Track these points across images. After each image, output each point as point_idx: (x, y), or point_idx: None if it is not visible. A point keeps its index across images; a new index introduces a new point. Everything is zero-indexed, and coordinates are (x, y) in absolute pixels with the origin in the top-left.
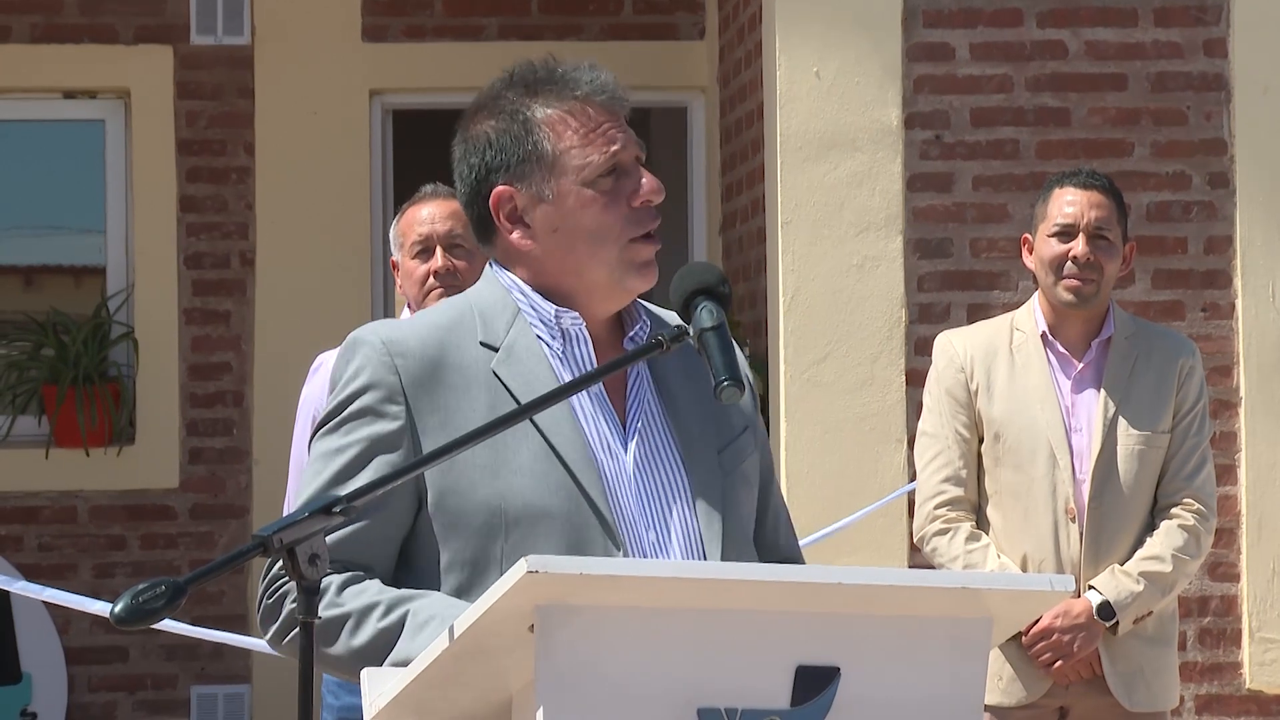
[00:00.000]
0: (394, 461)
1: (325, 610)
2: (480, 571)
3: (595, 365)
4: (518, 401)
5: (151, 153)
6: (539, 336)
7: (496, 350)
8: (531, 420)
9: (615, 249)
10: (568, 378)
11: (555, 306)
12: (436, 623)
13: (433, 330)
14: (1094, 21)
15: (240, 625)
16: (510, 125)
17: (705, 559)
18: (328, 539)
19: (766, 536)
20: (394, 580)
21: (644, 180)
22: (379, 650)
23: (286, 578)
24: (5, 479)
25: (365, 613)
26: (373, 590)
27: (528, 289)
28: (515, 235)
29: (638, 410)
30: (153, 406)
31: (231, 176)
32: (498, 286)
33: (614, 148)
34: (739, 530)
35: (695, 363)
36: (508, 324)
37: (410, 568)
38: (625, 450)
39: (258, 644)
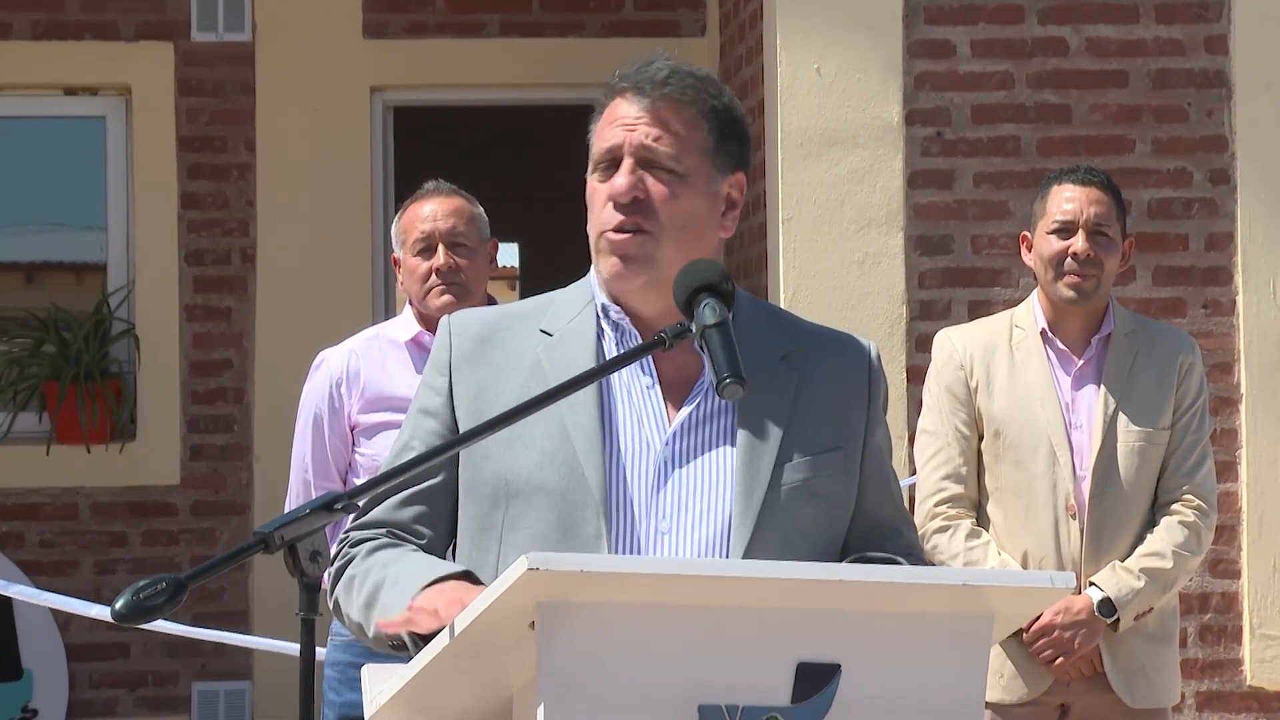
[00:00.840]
0: (431, 428)
1: (349, 570)
2: (484, 540)
3: (651, 359)
4: (548, 384)
5: (153, 149)
6: (603, 327)
7: (551, 336)
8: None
9: (594, 239)
10: None
11: (605, 300)
12: (405, 580)
13: (500, 315)
14: (1095, 18)
15: (241, 622)
16: (594, 117)
17: (726, 558)
18: (380, 507)
19: (880, 557)
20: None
21: (618, 178)
22: (371, 607)
23: (341, 546)
24: (6, 476)
25: (367, 573)
26: (392, 553)
27: (596, 280)
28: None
29: (696, 407)
30: (154, 403)
31: (232, 173)
32: (586, 279)
33: (608, 143)
34: (780, 539)
35: (837, 375)
36: (575, 314)
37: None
38: (661, 440)
39: (252, 641)
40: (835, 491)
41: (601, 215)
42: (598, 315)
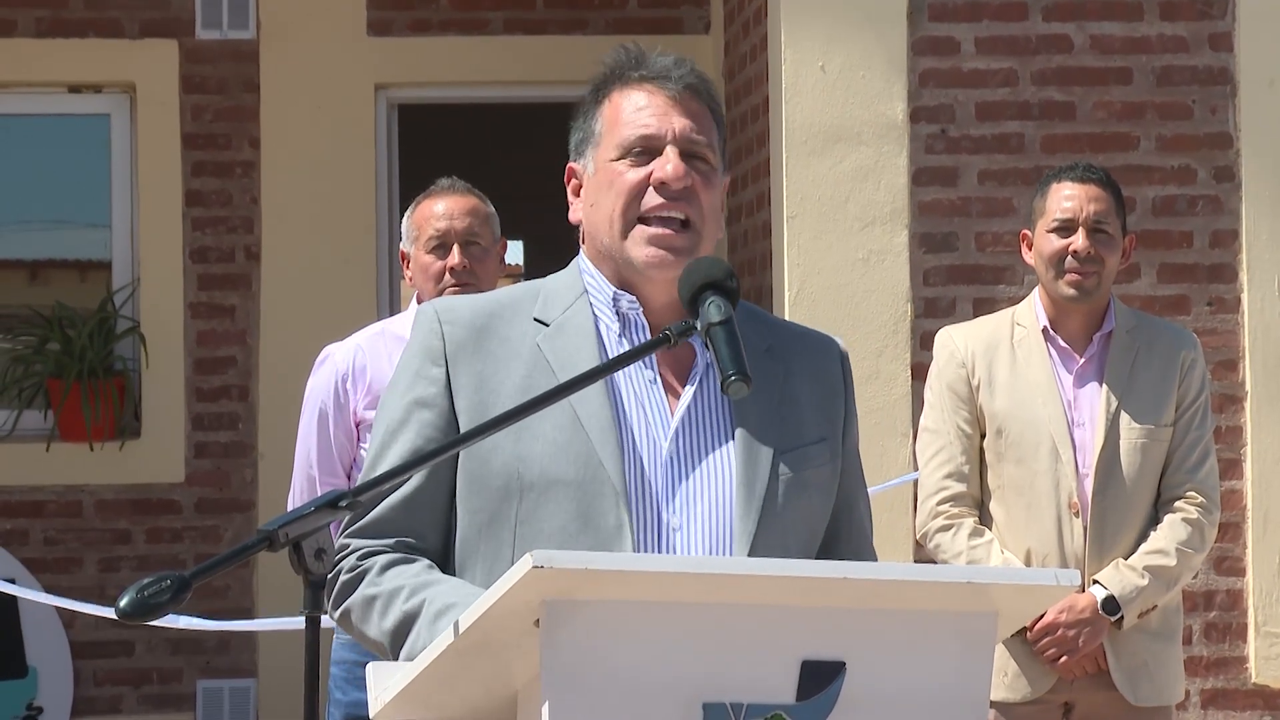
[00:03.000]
0: (430, 420)
1: (366, 588)
2: (495, 534)
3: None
4: (555, 374)
5: (157, 147)
6: (598, 316)
7: (547, 326)
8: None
9: (621, 225)
10: None
11: (614, 289)
12: (452, 611)
13: (489, 303)
14: (1099, 15)
15: (246, 619)
16: (585, 107)
17: (730, 554)
18: (380, 509)
19: (847, 548)
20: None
21: (668, 164)
22: (404, 634)
23: (343, 555)
24: (10, 473)
25: (393, 595)
26: (410, 571)
27: (594, 270)
28: (572, 208)
29: (693, 401)
30: (158, 401)
31: (237, 171)
32: (574, 267)
33: (643, 130)
34: (780, 532)
35: (815, 369)
36: (568, 303)
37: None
38: (666, 435)
39: (262, 624)
40: (823, 483)
41: (645, 198)
42: (591, 304)
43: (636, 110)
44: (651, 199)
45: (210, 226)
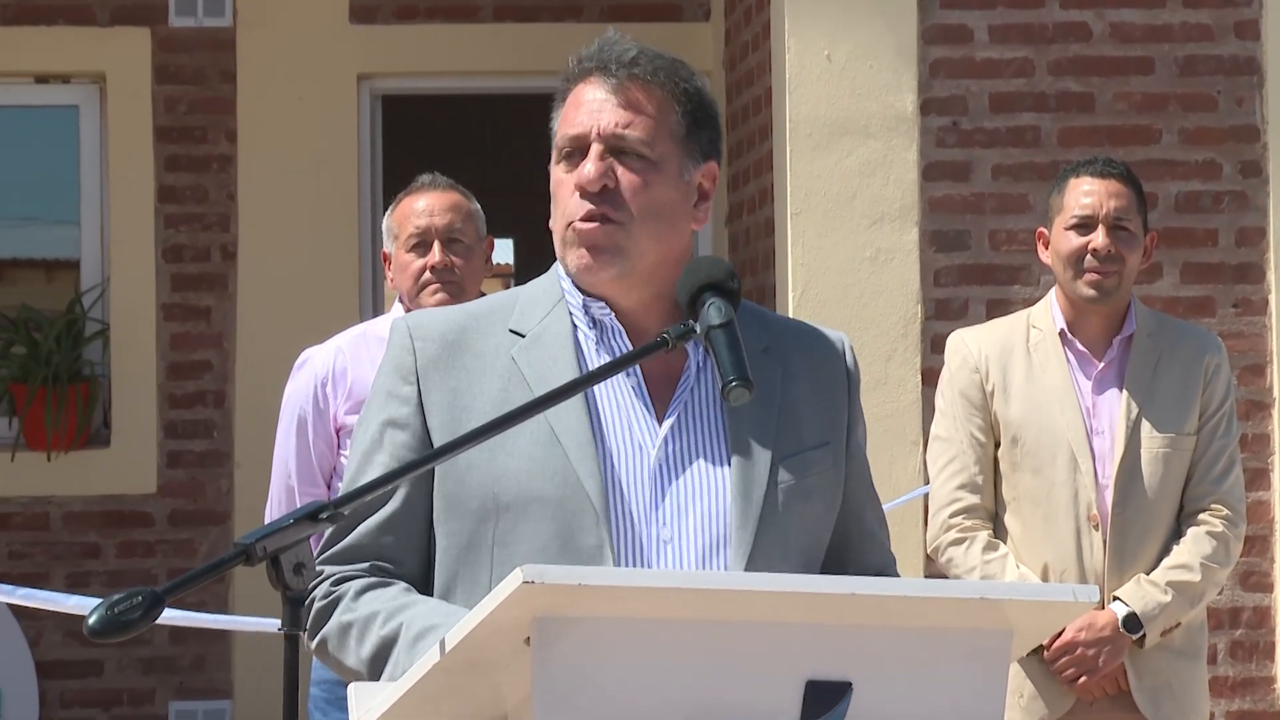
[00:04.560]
0: (404, 441)
1: (341, 615)
2: (472, 557)
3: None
4: (530, 387)
5: (128, 140)
6: (576, 325)
7: (523, 337)
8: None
9: (560, 231)
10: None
11: (585, 296)
12: (433, 633)
13: (461, 315)
14: (1119, 2)
15: (221, 637)
16: (555, 103)
17: (726, 566)
18: (354, 534)
19: (858, 556)
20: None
21: (586, 166)
22: (382, 661)
23: (316, 582)
24: None
25: (369, 621)
26: (386, 595)
27: (567, 277)
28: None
29: (683, 406)
30: (129, 407)
31: (212, 165)
32: (552, 273)
33: (574, 129)
34: (780, 542)
35: (816, 369)
36: (545, 312)
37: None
38: (653, 443)
39: (241, 623)
40: (826, 490)
41: (568, 206)
42: (570, 313)
43: (575, 107)
44: (575, 205)
45: (184, 224)
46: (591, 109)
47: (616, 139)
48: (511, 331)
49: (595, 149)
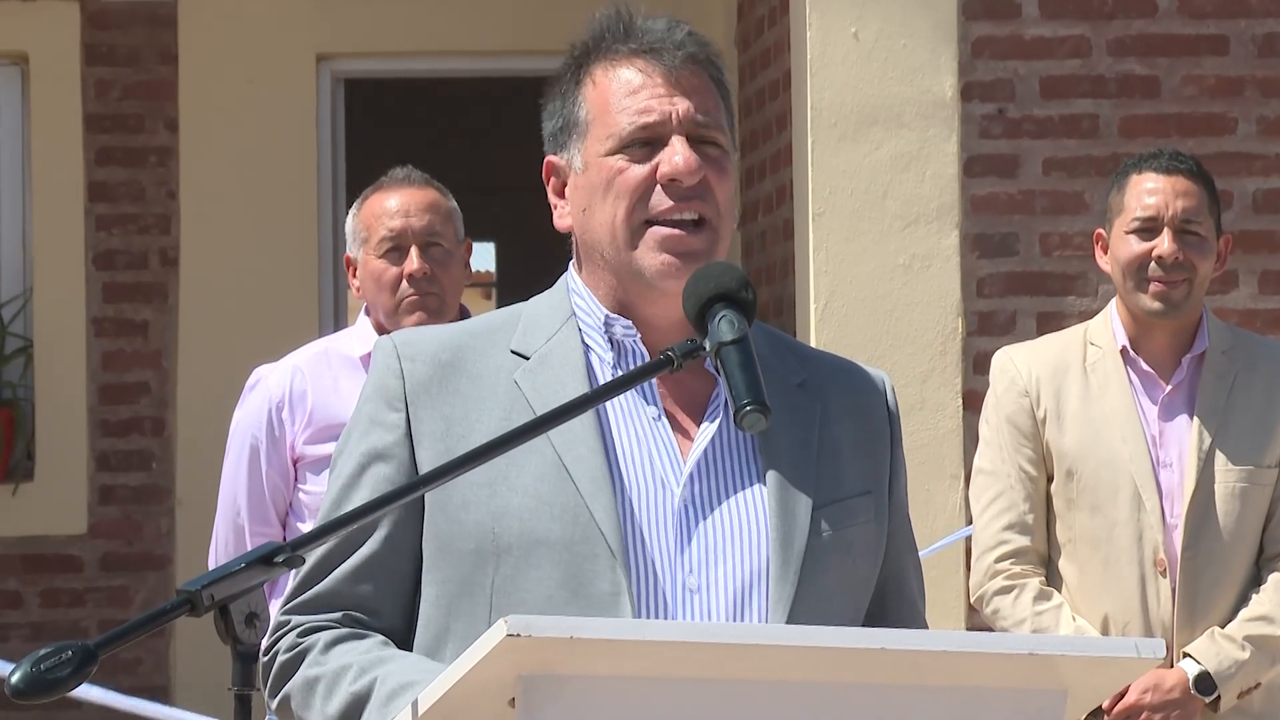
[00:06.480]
0: (387, 474)
1: (308, 669)
2: (467, 607)
3: (653, 383)
4: (536, 416)
5: (53, 130)
6: (589, 346)
7: (527, 359)
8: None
9: (626, 233)
10: None
11: (606, 312)
12: (410, 691)
13: (457, 334)
14: None
15: (161, 699)
16: (562, 86)
17: (766, 620)
18: (326, 580)
19: (896, 618)
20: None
21: (676, 155)
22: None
23: (281, 633)
24: None
25: (339, 676)
26: (360, 648)
27: (585, 289)
28: (557, 213)
29: (710, 440)
30: (55, 435)
31: (150, 159)
32: (561, 287)
33: (643, 117)
34: (820, 600)
35: (857, 410)
36: (553, 331)
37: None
38: (678, 480)
39: (179, 714)
40: (867, 546)
41: (650, 199)
42: (580, 331)
43: (630, 93)
44: (660, 199)
45: (118, 226)
46: (656, 94)
47: (698, 126)
48: (514, 353)
49: (679, 139)
